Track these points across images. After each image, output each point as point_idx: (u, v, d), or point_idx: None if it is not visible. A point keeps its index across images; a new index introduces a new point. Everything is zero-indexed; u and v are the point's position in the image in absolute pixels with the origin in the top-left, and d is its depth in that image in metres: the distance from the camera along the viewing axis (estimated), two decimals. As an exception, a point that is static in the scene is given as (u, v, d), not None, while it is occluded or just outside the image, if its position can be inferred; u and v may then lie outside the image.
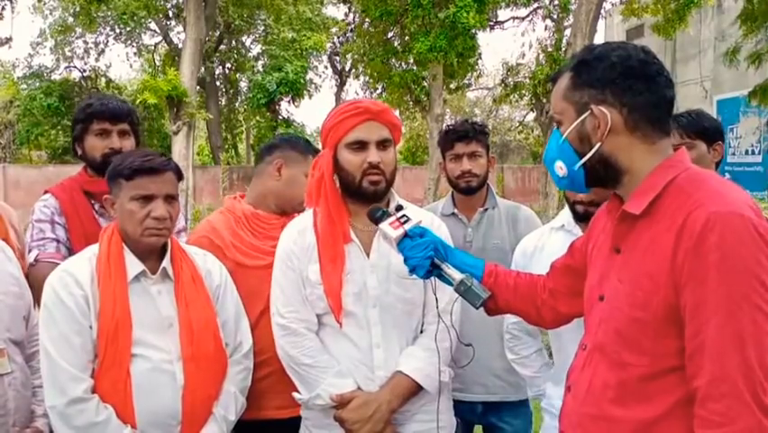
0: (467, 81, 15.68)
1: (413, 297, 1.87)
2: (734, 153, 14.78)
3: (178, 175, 1.88)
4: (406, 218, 1.65)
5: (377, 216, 1.69)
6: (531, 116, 20.97)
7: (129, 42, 21.80)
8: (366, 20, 13.77)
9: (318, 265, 1.84)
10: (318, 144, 2.20)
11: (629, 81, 1.26)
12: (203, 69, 17.20)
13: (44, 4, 19.19)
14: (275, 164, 2.21)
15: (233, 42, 21.53)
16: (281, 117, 20.30)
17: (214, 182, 17.44)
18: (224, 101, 22.48)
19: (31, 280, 2.05)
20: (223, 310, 1.94)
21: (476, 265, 1.63)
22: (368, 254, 1.86)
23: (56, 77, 20.40)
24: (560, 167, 1.36)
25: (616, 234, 1.32)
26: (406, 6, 12.11)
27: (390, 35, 13.65)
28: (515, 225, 2.49)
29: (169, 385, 1.77)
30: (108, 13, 19.24)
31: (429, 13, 11.70)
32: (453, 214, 2.52)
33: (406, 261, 1.60)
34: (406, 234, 1.62)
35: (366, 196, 1.82)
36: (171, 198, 1.84)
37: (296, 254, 1.88)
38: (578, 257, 1.53)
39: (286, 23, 19.49)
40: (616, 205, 1.35)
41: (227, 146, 22.61)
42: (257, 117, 21.13)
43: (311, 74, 21.15)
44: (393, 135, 1.88)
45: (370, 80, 15.46)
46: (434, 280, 1.65)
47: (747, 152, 14.85)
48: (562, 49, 13.21)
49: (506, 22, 16.90)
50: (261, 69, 20.29)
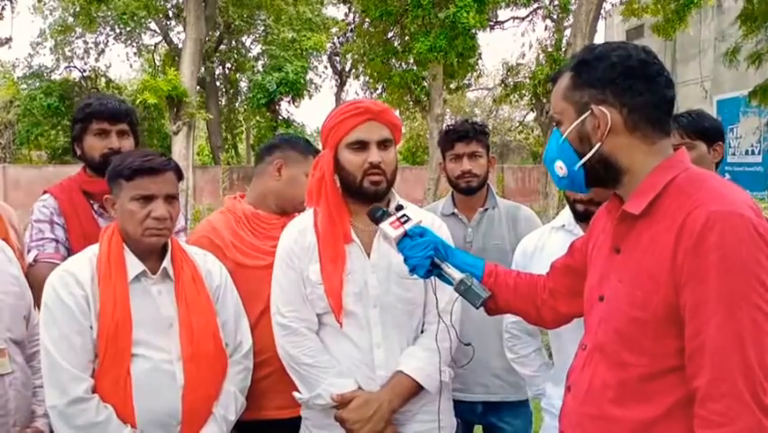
0: (467, 81, 15.68)
1: (413, 297, 1.87)
2: (734, 153, 14.78)
3: (179, 175, 1.88)
4: (406, 218, 1.64)
5: (377, 216, 1.69)
6: (531, 116, 20.98)
7: (129, 42, 21.81)
8: (366, 20, 13.76)
9: (319, 265, 1.84)
10: (318, 144, 2.20)
11: (629, 81, 1.26)
12: (203, 69, 17.20)
13: (44, 5, 19.19)
14: (275, 164, 2.21)
15: (233, 42, 21.52)
16: (281, 117, 20.28)
17: (214, 182, 17.43)
18: (224, 101, 22.47)
19: (30, 280, 2.05)
20: (223, 310, 1.94)
21: (476, 265, 1.63)
22: (368, 254, 1.86)
23: (56, 77, 20.38)
24: (560, 167, 1.36)
25: (616, 234, 1.32)
26: (406, 6, 12.10)
27: (390, 35, 13.65)
28: (515, 225, 2.49)
29: (169, 385, 1.77)
30: (108, 13, 19.23)
31: (429, 13, 11.70)
32: (453, 214, 2.52)
33: (406, 260, 1.60)
34: (406, 234, 1.62)
35: (367, 196, 1.82)
36: (172, 198, 1.84)
37: (296, 254, 1.88)
38: (578, 257, 1.53)
39: (286, 23, 19.49)
40: (616, 205, 1.36)
41: (227, 146, 22.60)
42: (257, 117, 21.12)
43: (311, 74, 21.17)
44: (394, 135, 1.88)
45: (370, 80, 15.45)
46: (434, 279, 1.65)
47: (747, 152, 14.85)
48: (562, 49, 13.20)
49: (506, 22, 16.91)
50: (261, 69, 20.27)
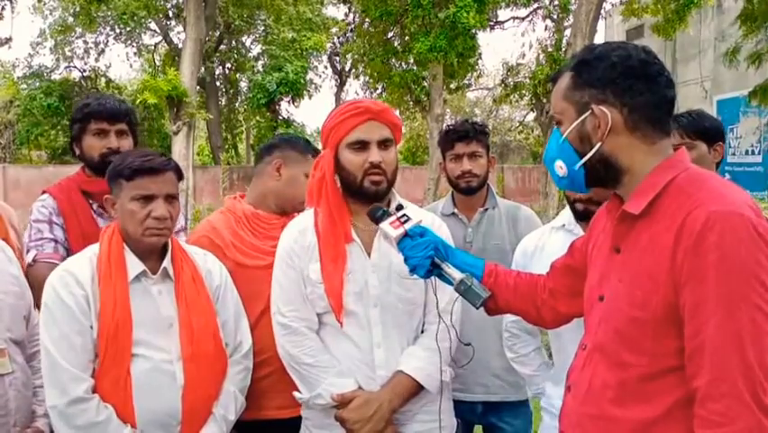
0: (467, 81, 15.68)
1: (414, 296, 1.87)
2: (734, 153, 14.78)
3: (179, 175, 1.88)
4: (406, 218, 1.64)
5: (377, 216, 1.69)
6: (531, 116, 20.98)
7: (129, 42, 21.79)
8: (366, 20, 13.77)
9: (319, 264, 1.84)
10: (318, 144, 2.20)
11: (630, 81, 1.26)
12: (203, 69, 17.18)
13: (44, 5, 19.18)
14: (274, 164, 2.21)
15: (233, 42, 21.51)
16: (281, 117, 20.27)
17: (214, 182, 17.43)
18: (224, 101, 22.46)
19: (29, 280, 2.05)
20: (223, 310, 1.94)
21: (476, 265, 1.63)
22: (369, 254, 1.86)
23: (56, 77, 20.36)
24: (560, 166, 1.36)
25: (615, 234, 1.32)
26: (406, 6, 12.11)
27: (390, 35, 13.66)
28: (515, 225, 2.49)
29: (169, 385, 1.77)
30: (108, 13, 19.21)
31: (429, 13, 11.71)
32: (453, 214, 2.52)
33: (406, 260, 1.60)
34: (406, 234, 1.62)
35: (367, 195, 1.82)
36: (172, 198, 1.84)
37: (296, 253, 1.88)
38: (578, 257, 1.53)
39: (286, 23, 19.48)
40: (616, 205, 1.36)
41: (227, 146, 22.59)
42: (257, 117, 21.11)
43: (311, 74, 21.15)
44: (394, 135, 1.88)
45: (370, 80, 15.46)
46: (434, 279, 1.65)
47: (747, 152, 14.85)
48: (562, 49, 13.21)
49: (506, 22, 16.93)
50: (261, 69, 20.25)
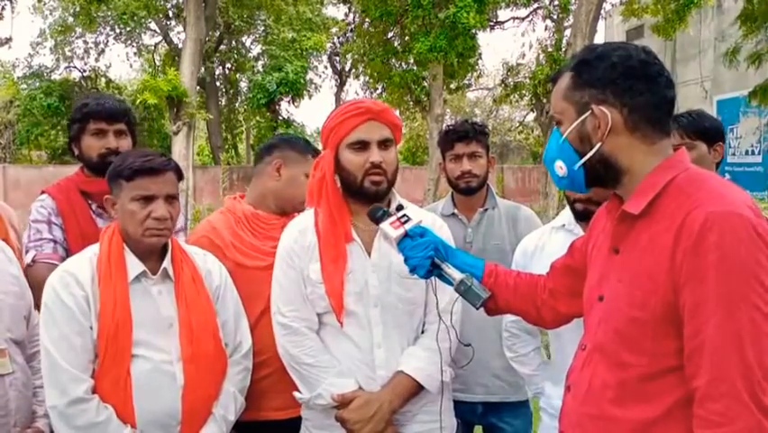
0: (467, 81, 15.67)
1: (414, 297, 1.87)
2: (734, 153, 14.78)
3: (179, 175, 1.88)
4: (406, 218, 1.64)
5: (377, 216, 1.69)
6: (531, 116, 20.98)
7: (129, 42, 21.78)
8: (366, 20, 13.76)
9: (319, 264, 1.84)
10: (318, 145, 2.20)
11: (630, 81, 1.26)
12: (203, 69, 17.17)
13: (44, 5, 19.16)
14: (274, 164, 2.21)
15: (233, 42, 21.50)
16: (281, 117, 20.26)
17: (214, 182, 17.42)
18: (224, 101, 22.45)
19: (29, 280, 2.04)
20: (223, 310, 1.94)
21: (476, 265, 1.63)
22: (369, 254, 1.86)
23: (56, 77, 20.34)
24: (560, 167, 1.36)
25: (615, 235, 1.32)
26: (406, 6, 12.11)
27: (390, 35, 13.65)
28: (515, 226, 2.49)
29: (169, 385, 1.77)
30: (108, 13, 19.21)
31: (429, 14, 11.70)
32: (453, 214, 2.52)
33: (406, 260, 1.60)
34: (406, 234, 1.62)
35: (368, 196, 1.82)
36: (172, 198, 1.84)
37: (296, 253, 1.88)
38: (578, 257, 1.53)
39: (286, 23, 19.47)
40: (615, 205, 1.36)
41: (227, 146, 22.58)
42: (257, 117, 21.10)
43: (311, 74, 21.13)
44: (394, 135, 1.88)
45: (370, 80, 15.45)
46: (434, 279, 1.65)
47: (747, 153, 14.85)
48: (562, 49, 13.21)
49: (506, 22, 16.90)
50: (261, 69, 20.24)
